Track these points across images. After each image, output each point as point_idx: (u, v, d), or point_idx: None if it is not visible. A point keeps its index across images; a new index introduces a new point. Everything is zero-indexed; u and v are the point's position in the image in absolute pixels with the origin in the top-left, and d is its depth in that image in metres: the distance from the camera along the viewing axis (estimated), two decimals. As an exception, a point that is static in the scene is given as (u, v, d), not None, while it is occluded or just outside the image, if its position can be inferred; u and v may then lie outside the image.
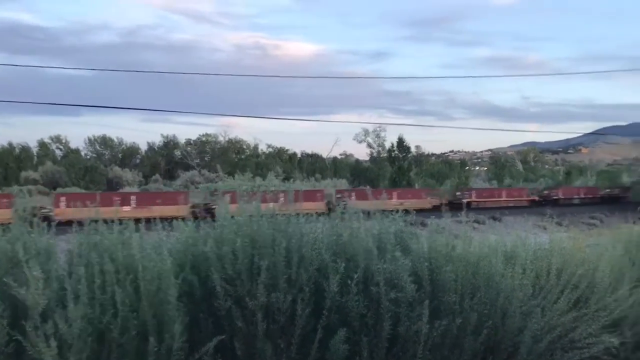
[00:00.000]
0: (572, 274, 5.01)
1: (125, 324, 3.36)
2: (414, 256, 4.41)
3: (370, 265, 4.13)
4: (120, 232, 3.85)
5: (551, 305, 4.71)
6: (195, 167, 67.97)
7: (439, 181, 64.94)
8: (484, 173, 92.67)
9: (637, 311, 5.11)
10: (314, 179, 62.78)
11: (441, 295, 4.26)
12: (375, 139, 74.83)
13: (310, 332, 3.91)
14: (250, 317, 3.84)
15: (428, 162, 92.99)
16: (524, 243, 5.50)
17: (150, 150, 75.38)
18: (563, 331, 4.58)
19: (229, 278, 3.88)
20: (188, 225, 4.36)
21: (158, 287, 3.54)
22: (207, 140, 76.88)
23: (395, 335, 4.05)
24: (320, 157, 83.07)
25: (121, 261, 3.57)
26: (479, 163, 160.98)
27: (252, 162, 71.17)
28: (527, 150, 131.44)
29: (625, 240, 6.86)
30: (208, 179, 58.63)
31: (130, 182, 58.51)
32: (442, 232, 4.84)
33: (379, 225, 4.62)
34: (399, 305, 4.02)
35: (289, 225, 4.25)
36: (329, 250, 4.21)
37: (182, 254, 4.13)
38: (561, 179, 71.48)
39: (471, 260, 4.51)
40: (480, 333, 4.22)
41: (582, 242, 6.43)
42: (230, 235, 4.06)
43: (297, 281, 3.94)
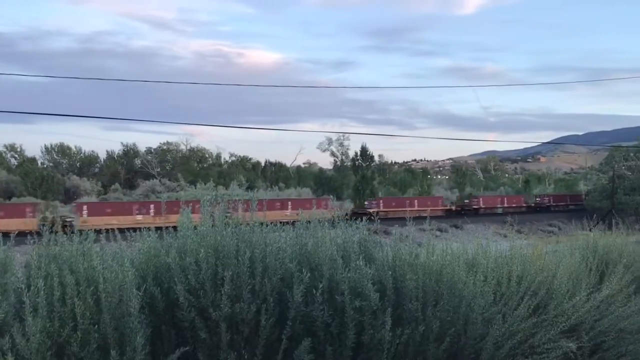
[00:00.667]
0: (532, 281, 5.13)
1: (85, 337, 3.28)
2: (378, 265, 4.44)
3: (334, 275, 4.14)
4: (81, 242, 3.77)
5: (512, 311, 4.80)
6: (156, 176, 67.01)
7: (401, 190, 65.72)
8: (445, 182, 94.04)
9: (594, 316, 5.24)
10: (277, 188, 62.64)
11: (404, 303, 4.30)
12: (338, 148, 75.22)
13: (274, 342, 3.89)
14: (214, 328, 3.80)
15: (391, 171, 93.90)
16: (485, 251, 5.61)
17: (109, 159, 74.07)
18: (523, 337, 4.67)
19: (192, 289, 3.84)
20: (150, 235, 4.29)
21: (120, 299, 3.47)
22: (169, 148, 76.04)
23: (360, 344, 4.06)
24: (284, 165, 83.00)
25: (82, 273, 3.49)
26: (440, 172, 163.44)
27: (214, 171, 70.62)
28: (487, 159, 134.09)
29: (582, 247, 7.07)
30: (169, 188, 57.90)
31: (88, 192, 57.32)
32: (406, 240, 4.89)
33: (343, 234, 4.64)
34: (363, 314, 4.04)
35: (253, 235, 4.23)
36: (294, 259, 4.21)
37: (144, 265, 4.07)
38: (521, 187, 73.01)
39: (434, 268, 4.57)
40: (443, 340, 4.27)
41: (541, 249, 6.59)
42: (193, 246, 4.02)
43: (261, 291, 3.92)
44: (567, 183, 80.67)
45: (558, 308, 5.06)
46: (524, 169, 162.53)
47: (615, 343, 5.17)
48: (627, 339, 5.22)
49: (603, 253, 6.85)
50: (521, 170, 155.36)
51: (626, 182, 52.99)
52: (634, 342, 5.21)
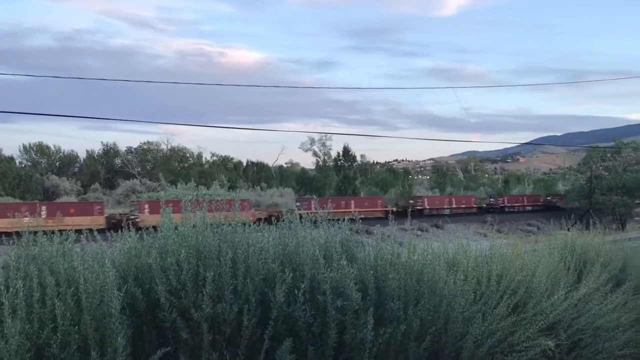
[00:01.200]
0: (511, 280, 5.20)
1: (65, 338, 3.25)
2: (360, 264, 4.46)
3: (316, 275, 4.15)
4: (61, 243, 3.73)
5: (491, 310, 4.86)
6: (137, 175, 66.47)
7: (383, 189, 65.96)
8: (426, 182, 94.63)
9: (572, 314, 5.33)
10: (259, 188, 62.50)
11: (386, 302, 4.33)
12: (321, 148, 75.24)
13: (256, 343, 3.89)
14: (195, 329, 3.79)
15: (373, 170, 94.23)
16: (465, 250, 5.67)
17: (89, 158, 73.29)
18: (503, 335, 4.72)
19: (174, 289, 3.82)
20: (131, 236, 4.27)
21: (100, 299, 3.45)
22: (149, 148, 75.44)
23: (342, 343, 4.08)
24: (266, 165, 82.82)
25: (62, 273, 3.46)
26: (422, 172, 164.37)
27: (195, 171, 70.24)
28: (467, 159, 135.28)
29: (561, 247, 7.17)
30: (150, 188, 57.47)
31: (68, 192, 56.66)
32: (387, 240, 4.92)
33: (326, 234, 4.66)
34: (345, 314, 4.06)
35: (235, 235, 4.22)
36: (276, 260, 4.21)
37: (125, 266, 4.04)
38: (500, 187, 73.71)
39: (415, 267, 4.60)
40: (424, 339, 4.30)
41: (520, 249, 6.68)
42: (174, 246, 4.00)
43: (244, 292, 3.91)
44: (545, 183, 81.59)
45: (537, 307, 5.14)
46: (503, 169, 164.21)
47: (592, 340, 5.25)
48: (603, 337, 5.31)
49: (581, 252, 6.96)
50: (501, 170, 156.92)
51: (603, 183, 53.75)
52: (609, 340, 5.30)
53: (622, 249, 7.56)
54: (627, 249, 7.60)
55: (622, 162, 56.41)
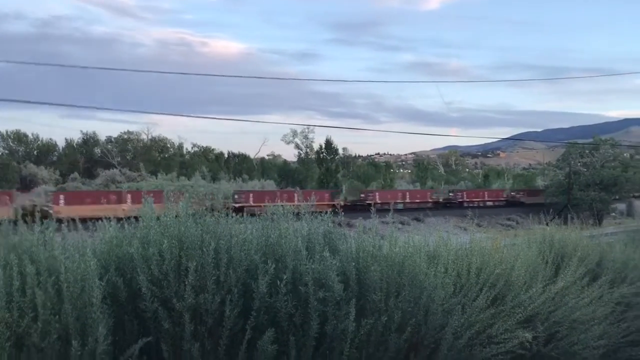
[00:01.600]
0: (491, 273, 5.26)
1: (46, 327, 3.23)
2: (342, 256, 4.49)
3: (299, 266, 4.17)
4: (42, 232, 3.70)
5: (471, 302, 4.92)
6: (116, 165, 65.79)
7: (365, 183, 66.15)
8: (408, 175, 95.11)
9: (549, 307, 5.42)
10: (241, 180, 62.29)
11: (368, 294, 4.36)
12: (303, 140, 75.15)
13: (238, 333, 3.90)
14: (177, 319, 3.79)
15: (355, 164, 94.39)
16: (446, 243, 5.73)
17: (68, 147, 72.28)
18: (481, 327, 4.79)
19: (156, 279, 3.82)
20: (112, 225, 4.25)
21: (81, 289, 3.43)
22: (129, 138, 74.60)
23: (323, 334, 4.11)
24: (247, 157, 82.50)
25: (43, 262, 3.43)
26: (403, 166, 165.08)
27: (176, 162, 69.76)
28: (448, 153, 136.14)
29: (539, 241, 7.28)
30: (130, 178, 56.96)
31: (46, 180, 55.94)
32: (369, 232, 4.95)
33: (309, 226, 4.67)
34: (327, 305, 4.08)
35: (218, 226, 4.22)
36: (259, 251, 4.22)
37: (107, 255, 4.02)
38: (480, 182, 74.36)
39: (396, 260, 4.64)
40: (405, 330, 4.34)
41: (499, 242, 6.76)
42: (156, 236, 3.99)
43: (226, 282, 3.92)
44: (525, 178, 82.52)
45: (515, 299, 5.21)
46: (484, 164, 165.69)
47: (569, 333, 5.35)
48: (579, 329, 5.41)
49: (559, 247, 7.06)
50: (481, 165, 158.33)
51: (581, 178, 54.51)
52: (585, 332, 5.41)
53: (599, 244, 7.68)
54: (604, 244, 7.73)
55: (600, 159, 57.25)
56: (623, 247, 7.45)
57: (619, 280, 6.56)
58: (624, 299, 6.32)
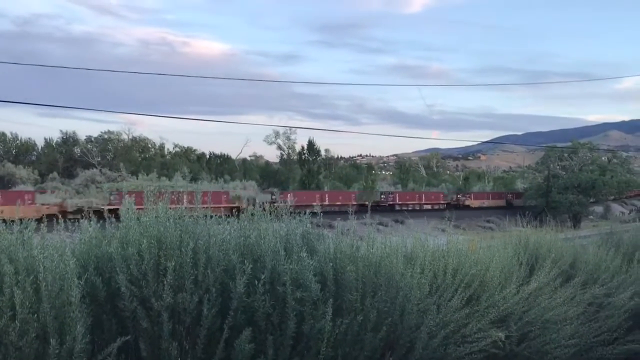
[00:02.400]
0: (466, 274, 5.36)
1: (24, 326, 3.25)
2: (320, 257, 4.55)
3: (277, 266, 4.23)
4: (21, 232, 3.71)
5: (446, 302, 5.02)
6: (96, 165, 65.15)
7: (347, 184, 66.32)
8: (389, 177, 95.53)
9: (522, 307, 5.54)
10: (222, 181, 62.07)
11: (344, 294, 4.43)
12: (285, 141, 75.05)
13: (216, 332, 3.95)
14: (155, 318, 3.82)
15: (337, 165, 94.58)
16: (422, 245, 5.83)
17: (47, 146, 71.39)
18: (456, 327, 4.89)
19: (134, 279, 3.85)
20: (92, 225, 4.27)
21: (60, 288, 3.45)
22: (110, 137, 73.91)
23: (300, 333, 4.17)
24: (229, 158, 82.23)
25: (21, 262, 3.45)
26: (385, 167, 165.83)
27: (157, 162, 69.27)
28: (430, 156, 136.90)
29: (515, 243, 7.41)
30: (110, 178, 56.47)
31: (24, 180, 55.21)
32: (348, 234, 5.02)
33: (287, 226, 4.73)
34: (304, 305, 4.15)
35: (197, 226, 4.26)
36: (237, 251, 4.27)
37: (86, 255, 4.05)
38: (461, 184, 74.93)
39: (373, 260, 4.72)
40: (380, 330, 4.42)
41: (476, 244, 6.88)
42: (135, 236, 4.02)
43: (204, 282, 3.96)
44: (505, 181, 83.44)
45: (489, 299, 5.32)
46: (465, 167, 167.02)
47: (541, 332, 5.47)
48: (551, 329, 5.53)
49: (533, 248, 7.20)
50: (462, 167, 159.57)
51: (560, 181, 55.28)
52: (557, 331, 5.53)
53: (573, 246, 7.84)
54: (577, 246, 7.90)
55: (578, 162, 58.15)
56: (596, 249, 7.61)
57: (592, 281, 6.70)
58: (596, 300, 6.46)
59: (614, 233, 9.21)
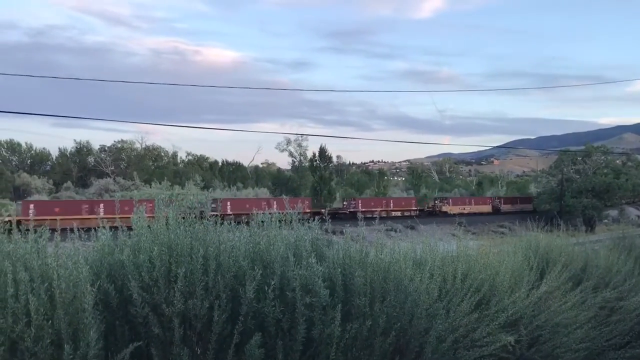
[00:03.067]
0: (476, 278, 5.38)
1: (39, 332, 3.33)
2: (328, 262, 4.60)
3: (286, 272, 4.28)
4: (35, 240, 3.80)
5: (455, 307, 5.04)
6: (110, 174, 65.73)
7: (358, 190, 66.27)
8: (402, 183, 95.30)
9: (533, 311, 5.54)
10: (235, 188, 62.31)
11: (353, 299, 4.47)
12: (297, 148, 75.23)
13: (226, 338, 4.00)
14: (167, 324, 3.88)
15: (349, 171, 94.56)
16: (432, 250, 5.85)
17: (61, 156, 72.16)
18: (465, 331, 4.91)
19: (146, 285, 3.92)
20: (104, 233, 4.36)
21: (74, 295, 3.53)
22: (123, 147, 74.58)
23: (310, 339, 4.21)
24: (241, 165, 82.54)
25: (36, 270, 3.54)
26: (397, 173, 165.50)
27: (170, 170, 69.71)
28: (442, 161, 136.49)
29: (525, 247, 7.41)
30: (123, 187, 56.91)
31: (39, 190, 55.81)
32: (357, 239, 5.07)
33: (296, 233, 4.79)
34: (313, 310, 4.19)
35: (207, 234, 4.33)
36: (247, 257, 4.33)
37: (99, 262, 4.12)
38: (474, 189, 74.59)
39: (382, 265, 4.76)
40: (389, 334, 4.45)
41: (486, 249, 6.89)
42: (147, 244, 4.10)
43: (214, 288, 4.02)
44: (518, 185, 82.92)
45: (499, 304, 5.33)
46: (478, 171, 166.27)
47: (551, 336, 5.47)
48: (561, 332, 5.53)
49: (544, 252, 7.19)
50: (475, 172, 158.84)
51: (574, 185, 54.81)
52: (567, 335, 5.53)
53: (584, 250, 7.82)
54: (589, 250, 7.88)
55: (592, 166, 57.65)
56: (607, 253, 7.59)
57: (603, 285, 6.69)
58: (607, 304, 6.44)
59: (625, 237, 9.17)
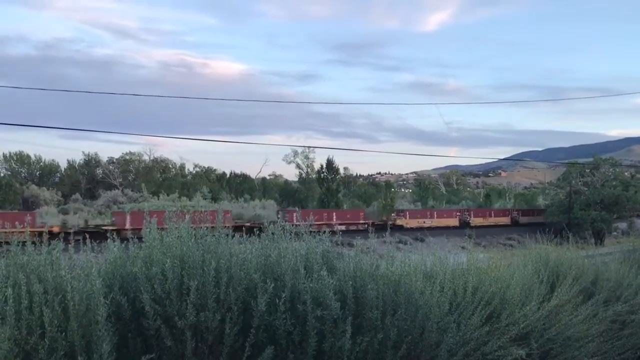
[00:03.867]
0: (486, 291, 5.36)
1: (53, 344, 3.36)
2: (339, 275, 4.61)
3: (297, 285, 4.29)
4: (49, 252, 3.84)
5: (466, 320, 5.02)
6: (118, 186, 65.99)
7: (366, 202, 66.16)
8: (409, 195, 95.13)
9: (543, 324, 5.51)
10: (242, 200, 62.37)
11: (364, 312, 4.47)
12: (304, 160, 75.20)
13: (238, 350, 4.01)
14: (179, 336, 3.90)
15: (356, 183, 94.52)
16: (442, 263, 5.84)
17: (70, 168, 72.54)
18: (476, 344, 4.88)
19: (158, 298, 3.94)
20: (116, 246, 4.39)
21: (87, 307, 3.56)
22: (131, 158, 74.93)
23: (321, 351, 4.21)
24: (249, 177, 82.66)
25: (50, 282, 3.57)
26: (404, 185, 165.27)
27: (178, 182, 69.90)
28: (450, 173, 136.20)
29: (535, 260, 7.37)
30: (131, 199, 57.11)
31: (48, 202, 56.08)
32: (367, 252, 5.07)
33: (307, 245, 4.80)
34: (325, 323, 4.20)
35: (219, 246, 4.35)
36: (258, 270, 4.34)
37: (111, 275, 4.15)
38: (481, 201, 74.32)
39: (393, 278, 4.76)
40: (400, 347, 4.45)
41: (497, 262, 6.86)
42: (159, 256, 4.12)
43: (226, 301, 4.04)
44: (526, 197, 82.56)
45: (510, 317, 5.30)
46: (485, 183, 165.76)
47: (562, 350, 5.44)
48: (572, 346, 5.49)
49: (554, 265, 7.16)
50: (483, 184, 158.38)
51: (582, 198, 54.48)
52: (578, 349, 5.49)
53: (594, 263, 7.78)
54: (599, 263, 7.83)
55: (601, 178, 57.30)
56: (618, 266, 7.54)
57: (614, 299, 6.65)
58: (619, 317, 6.40)
59: (636, 250, 9.11)
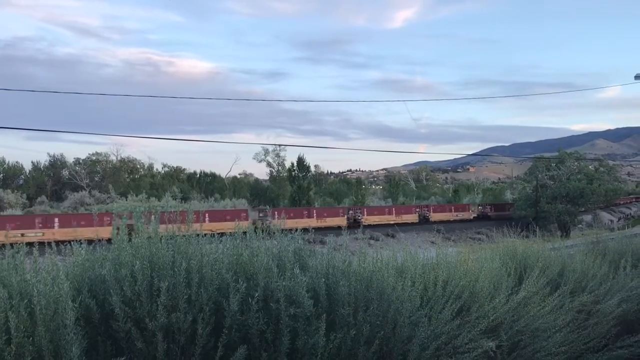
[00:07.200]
0: (456, 285, 5.43)
1: (20, 350, 3.28)
2: (312, 273, 4.61)
3: (270, 283, 4.28)
4: (12, 256, 3.75)
5: (437, 314, 5.08)
6: (85, 187, 64.85)
7: (337, 200, 66.37)
8: (379, 191, 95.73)
9: (512, 317, 5.61)
10: (212, 199, 61.92)
11: (337, 308, 4.49)
12: (275, 158, 75.07)
13: (210, 351, 3.98)
14: (150, 338, 3.86)
15: (327, 181, 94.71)
16: (413, 258, 5.90)
17: (35, 170, 70.97)
18: (447, 338, 4.94)
19: (128, 300, 3.89)
20: (84, 248, 4.31)
21: (54, 311, 3.49)
22: (98, 159, 73.72)
23: (294, 349, 4.21)
24: (219, 176, 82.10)
25: (15, 286, 3.49)
26: (375, 182, 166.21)
27: (146, 183, 69.04)
28: (419, 169, 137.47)
29: (502, 253, 7.50)
30: (99, 200, 56.19)
31: (13, 204, 54.78)
32: (340, 249, 5.09)
33: (279, 244, 4.80)
34: (298, 320, 4.20)
35: (189, 246, 4.32)
36: (230, 269, 4.32)
37: (79, 277, 4.08)
38: (450, 197, 75.24)
39: (365, 275, 4.79)
40: (373, 343, 4.48)
41: (466, 255, 6.96)
42: (128, 258, 4.07)
43: (198, 301, 4.01)
44: (494, 192, 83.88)
45: (480, 310, 5.39)
46: (454, 179, 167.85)
47: (531, 341, 5.55)
48: (541, 337, 5.61)
49: (521, 258, 7.29)
50: (452, 180, 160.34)
51: (548, 191, 55.62)
52: (546, 339, 5.61)
53: (561, 255, 7.94)
54: (565, 255, 8.00)
55: (566, 172, 58.55)
56: (583, 258, 7.71)
57: (580, 289, 6.79)
58: (584, 307, 6.54)
59: (599, 241, 9.34)
